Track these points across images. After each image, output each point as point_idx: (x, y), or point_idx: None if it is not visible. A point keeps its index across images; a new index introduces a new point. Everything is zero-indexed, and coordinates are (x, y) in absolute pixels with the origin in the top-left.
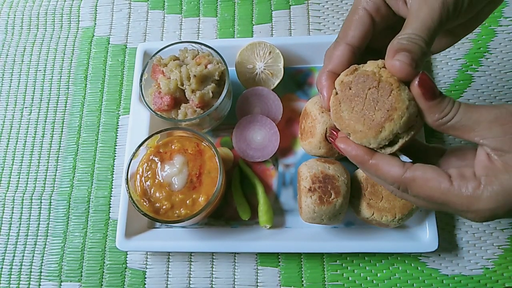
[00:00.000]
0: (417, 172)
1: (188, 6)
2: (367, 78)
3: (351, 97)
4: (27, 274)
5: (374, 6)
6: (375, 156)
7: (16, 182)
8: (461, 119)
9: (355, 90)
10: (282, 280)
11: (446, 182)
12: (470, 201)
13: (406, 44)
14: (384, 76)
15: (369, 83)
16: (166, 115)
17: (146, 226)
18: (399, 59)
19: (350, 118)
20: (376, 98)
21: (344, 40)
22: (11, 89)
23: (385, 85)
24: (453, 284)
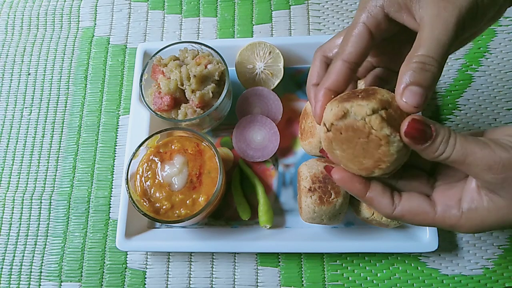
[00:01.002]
0: (404, 209)
1: (188, 6)
2: (357, 130)
3: (342, 140)
4: (27, 274)
5: (374, 22)
6: (370, 190)
7: (16, 182)
8: (457, 159)
9: (345, 136)
10: (282, 280)
11: (431, 213)
12: (453, 227)
13: (417, 76)
14: (374, 132)
15: (359, 134)
16: (166, 115)
17: (146, 226)
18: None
19: (342, 156)
20: (366, 148)
21: (341, 56)
22: (11, 89)
23: (374, 139)
24: (453, 284)
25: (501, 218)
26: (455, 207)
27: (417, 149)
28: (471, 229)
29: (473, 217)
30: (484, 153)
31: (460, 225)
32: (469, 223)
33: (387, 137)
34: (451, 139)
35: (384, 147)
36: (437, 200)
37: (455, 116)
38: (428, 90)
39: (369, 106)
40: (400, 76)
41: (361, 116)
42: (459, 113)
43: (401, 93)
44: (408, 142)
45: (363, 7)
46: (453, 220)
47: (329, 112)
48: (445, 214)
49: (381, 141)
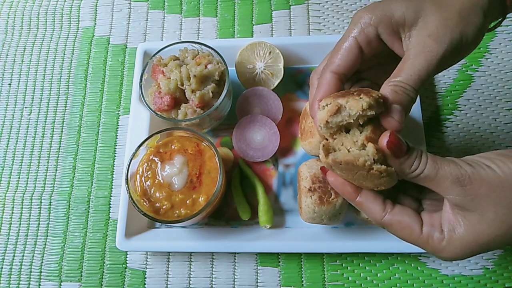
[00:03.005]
0: (394, 218)
1: (188, 6)
2: (357, 166)
3: (341, 168)
4: (27, 274)
5: (365, 39)
6: (361, 195)
7: (16, 182)
8: (429, 174)
9: (345, 167)
10: (282, 280)
11: (417, 230)
12: (435, 250)
13: (398, 96)
14: (375, 167)
15: (359, 169)
16: (166, 115)
17: (146, 226)
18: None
19: (342, 175)
20: (366, 177)
21: (330, 68)
22: (11, 89)
23: (375, 173)
24: (453, 284)
25: (479, 235)
26: (438, 229)
27: (396, 163)
28: (453, 253)
29: (453, 239)
30: (451, 168)
31: (442, 249)
32: (450, 246)
33: (387, 169)
34: (423, 155)
35: (386, 178)
36: (424, 220)
37: (455, 116)
38: (406, 109)
39: (364, 101)
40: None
41: (356, 110)
42: (459, 113)
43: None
44: (387, 153)
45: (356, 21)
46: (435, 243)
47: (323, 110)
48: (429, 235)
49: (382, 174)
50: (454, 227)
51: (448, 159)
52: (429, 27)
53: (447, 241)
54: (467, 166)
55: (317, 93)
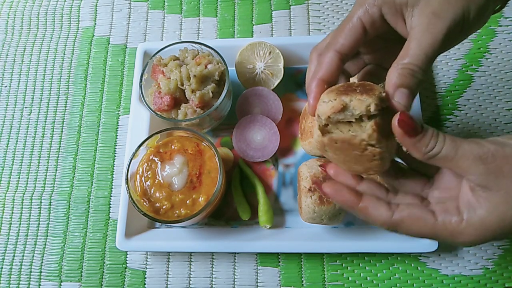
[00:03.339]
0: (403, 214)
1: (188, 6)
2: (353, 145)
3: (336, 148)
4: (27, 274)
5: (369, 19)
6: (363, 200)
7: (16, 182)
8: (448, 153)
9: (340, 146)
10: (282, 280)
11: (431, 219)
12: (454, 234)
13: (405, 80)
14: (369, 149)
15: (354, 148)
16: (166, 115)
17: (146, 226)
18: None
19: (333, 157)
20: (358, 158)
21: (333, 47)
22: (11, 89)
23: (368, 154)
24: (453, 284)
25: (502, 216)
26: (455, 214)
27: (409, 144)
28: (473, 235)
29: (473, 221)
30: (472, 147)
31: (461, 231)
32: (470, 228)
33: (381, 153)
34: (440, 135)
35: (377, 161)
36: (436, 209)
37: (455, 116)
38: (414, 92)
39: (368, 102)
40: (389, 79)
41: (359, 111)
42: (459, 113)
43: (393, 95)
44: (400, 134)
45: (361, 2)
46: (453, 226)
47: (326, 104)
48: (445, 220)
49: (375, 156)
50: (474, 209)
51: (469, 139)
52: (432, 4)
53: (467, 222)
54: (490, 144)
55: (318, 71)
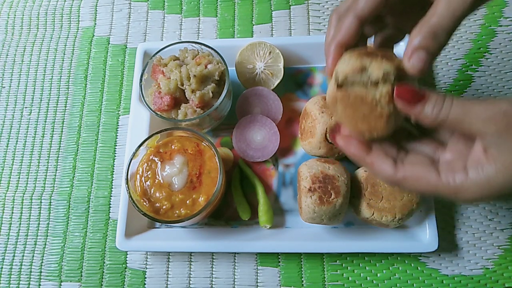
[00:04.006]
0: (407, 172)
1: (188, 6)
2: (365, 101)
3: (347, 103)
4: (27, 274)
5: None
6: (370, 155)
7: (16, 182)
8: (457, 116)
9: (352, 101)
10: (282, 280)
11: (434, 177)
12: (456, 191)
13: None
14: (379, 109)
15: (366, 105)
16: (166, 115)
17: (146, 226)
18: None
19: (341, 114)
20: (366, 116)
21: (354, 11)
22: (11, 89)
23: (377, 113)
24: (453, 284)
25: (510, 176)
26: (461, 172)
27: (414, 113)
28: (477, 192)
29: (479, 178)
30: (482, 107)
31: (465, 188)
32: (475, 185)
33: (389, 115)
34: (446, 99)
35: (383, 123)
36: (441, 168)
37: None
38: (433, 56)
39: (387, 68)
40: (410, 39)
41: (376, 75)
42: None
43: (409, 56)
44: (402, 106)
45: None
46: (457, 183)
47: (346, 63)
48: (448, 178)
49: (382, 117)
50: (482, 167)
51: (480, 99)
52: None
53: (471, 180)
54: (502, 102)
55: (337, 35)
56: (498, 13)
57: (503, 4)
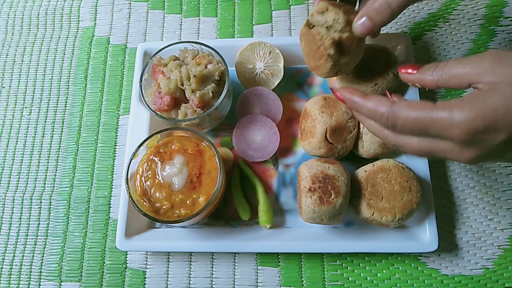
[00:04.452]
0: (402, 102)
1: (188, 6)
2: (314, 40)
3: (305, 39)
4: (27, 274)
5: None
6: (369, 96)
7: (16, 182)
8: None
9: (308, 38)
10: (282, 280)
11: (429, 104)
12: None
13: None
14: (321, 49)
15: (314, 43)
16: (166, 115)
17: (146, 226)
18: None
19: (303, 49)
20: (313, 53)
21: None
22: (11, 89)
23: (320, 52)
24: (453, 284)
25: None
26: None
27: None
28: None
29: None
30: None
31: (460, 107)
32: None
33: (328, 56)
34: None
35: (322, 61)
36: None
37: None
38: (376, 26)
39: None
40: (366, 5)
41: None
42: None
43: (357, 20)
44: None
45: None
46: (452, 103)
47: (315, 6)
48: (444, 103)
49: (322, 57)
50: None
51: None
52: None
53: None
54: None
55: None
56: (498, 13)
57: (503, 4)
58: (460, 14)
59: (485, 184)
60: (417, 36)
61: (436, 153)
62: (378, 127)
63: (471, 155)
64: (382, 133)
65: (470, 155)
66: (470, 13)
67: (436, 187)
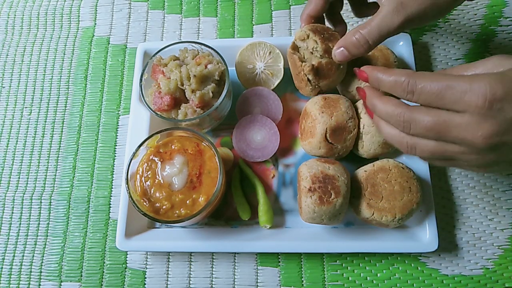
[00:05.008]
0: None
1: (188, 6)
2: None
3: (291, 61)
4: (27, 274)
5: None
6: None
7: (16, 182)
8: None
9: (292, 61)
10: (282, 280)
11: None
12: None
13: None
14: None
15: (297, 68)
16: (166, 115)
17: (146, 226)
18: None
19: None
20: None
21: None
22: (11, 89)
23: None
24: (453, 284)
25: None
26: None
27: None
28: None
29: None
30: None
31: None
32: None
33: (307, 80)
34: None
35: (303, 84)
36: None
37: None
38: (353, 57)
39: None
40: (346, 35)
41: (309, 47)
42: None
43: (336, 48)
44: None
45: None
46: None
47: (298, 32)
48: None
49: (303, 81)
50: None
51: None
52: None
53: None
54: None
55: (307, 7)
56: (498, 13)
57: (503, 4)
58: (460, 14)
59: (485, 184)
60: (417, 36)
61: (450, 130)
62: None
63: (488, 129)
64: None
65: (488, 129)
66: (470, 13)
67: (436, 187)
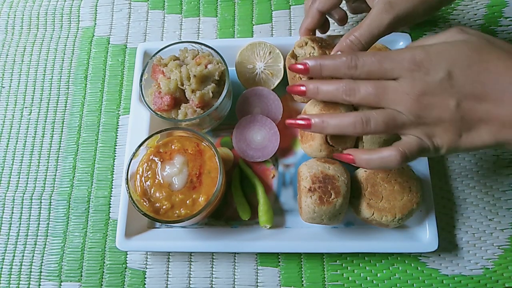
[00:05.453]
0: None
1: (188, 6)
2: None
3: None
4: (27, 274)
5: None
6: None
7: (16, 182)
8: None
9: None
10: (282, 280)
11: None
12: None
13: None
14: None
15: (293, 74)
16: (166, 115)
17: (146, 226)
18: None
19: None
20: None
21: (315, 6)
22: (11, 89)
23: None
24: (453, 284)
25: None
26: None
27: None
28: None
29: None
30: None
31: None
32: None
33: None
34: None
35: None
36: None
37: None
38: None
39: (312, 51)
40: (339, 41)
41: (306, 53)
42: None
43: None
44: None
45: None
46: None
47: (298, 40)
48: None
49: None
50: None
51: None
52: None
53: None
54: None
55: (304, 22)
56: (498, 13)
57: (503, 4)
58: (460, 14)
59: (485, 184)
60: (417, 36)
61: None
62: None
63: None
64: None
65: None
66: (470, 13)
67: (436, 187)
